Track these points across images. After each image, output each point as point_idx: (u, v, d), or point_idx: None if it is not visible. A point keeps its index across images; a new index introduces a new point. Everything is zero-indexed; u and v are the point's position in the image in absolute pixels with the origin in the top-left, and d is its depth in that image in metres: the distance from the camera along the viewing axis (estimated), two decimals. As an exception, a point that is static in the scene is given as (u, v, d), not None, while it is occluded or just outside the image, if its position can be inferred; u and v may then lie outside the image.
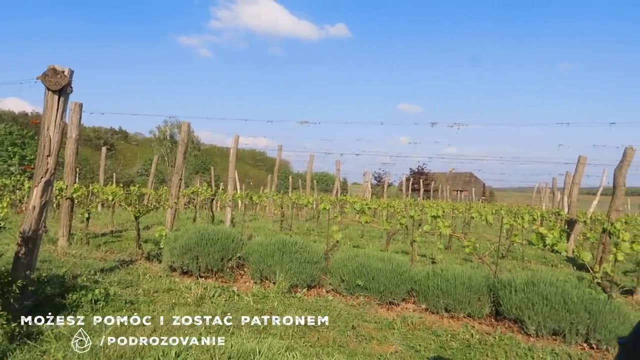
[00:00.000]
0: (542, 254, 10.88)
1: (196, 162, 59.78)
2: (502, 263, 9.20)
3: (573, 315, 4.65)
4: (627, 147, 8.72)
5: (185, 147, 9.68)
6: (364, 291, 5.64)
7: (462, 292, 5.25)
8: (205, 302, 5.17)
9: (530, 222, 7.74)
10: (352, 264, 5.84)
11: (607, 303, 4.72)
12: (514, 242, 6.77)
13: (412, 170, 57.89)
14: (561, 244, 5.05)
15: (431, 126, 14.69)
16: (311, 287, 6.07)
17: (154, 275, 6.30)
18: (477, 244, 6.10)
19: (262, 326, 4.47)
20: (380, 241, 10.79)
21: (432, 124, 14.40)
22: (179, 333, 4.08)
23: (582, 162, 11.90)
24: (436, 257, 9.08)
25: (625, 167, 8.71)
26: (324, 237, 8.41)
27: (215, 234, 6.45)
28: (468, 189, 47.08)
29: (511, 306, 4.98)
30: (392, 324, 4.86)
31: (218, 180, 32.84)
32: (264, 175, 41.57)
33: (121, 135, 78.43)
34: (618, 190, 8.71)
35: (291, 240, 6.41)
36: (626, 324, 4.56)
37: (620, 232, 5.34)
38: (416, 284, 5.63)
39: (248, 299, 5.35)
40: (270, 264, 6.04)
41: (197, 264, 6.25)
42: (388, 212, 13.54)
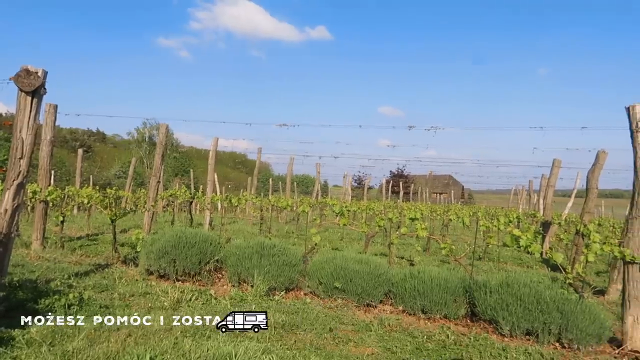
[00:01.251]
0: (518, 255, 11.08)
1: (175, 165, 59.15)
2: (479, 264, 9.33)
3: (546, 315, 4.74)
4: (599, 151, 8.92)
5: (164, 149, 9.59)
6: (342, 293, 5.66)
7: (439, 293, 5.32)
8: (182, 305, 5.13)
9: (505, 224, 7.87)
10: (330, 266, 5.86)
11: (578, 303, 4.82)
12: (489, 244, 6.88)
13: (392, 172, 58.36)
14: (534, 246, 5.15)
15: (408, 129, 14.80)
16: (289, 290, 6.07)
17: (130, 279, 6.22)
18: (453, 246, 6.17)
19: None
20: (360, 243, 10.84)
21: (409, 127, 14.54)
22: (155, 337, 4.04)
23: (556, 165, 12.15)
24: (414, 259, 9.17)
25: (598, 170, 8.90)
26: (304, 239, 8.42)
27: (192, 237, 6.41)
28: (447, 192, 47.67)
29: (486, 307, 5.06)
30: (369, 325, 4.89)
31: (198, 182, 32.57)
32: (244, 178, 41.39)
33: (98, 137, 77.25)
34: (591, 192, 8.90)
35: (269, 243, 6.41)
36: (596, 323, 4.67)
37: (592, 234, 5.46)
38: (393, 285, 5.68)
39: (225, 303, 5.33)
40: (248, 267, 6.02)
41: (174, 267, 6.19)
42: (367, 215, 13.61)
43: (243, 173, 66.24)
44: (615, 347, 4.72)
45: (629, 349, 4.62)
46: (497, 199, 58.12)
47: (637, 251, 4.74)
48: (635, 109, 4.85)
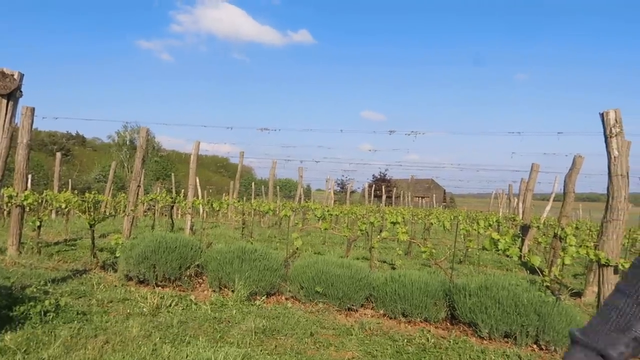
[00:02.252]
0: (498, 258, 11.21)
1: (157, 168, 58.51)
2: (459, 268, 9.42)
3: (524, 317, 4.81)
4: (576, 155, 9.10)
5: (144, 153, 9.49)
6: (323, 298, 5.66)
7: (419, 297, 5.35)
8: (162, 311, 5.08)
9: (485, 228, 7.97)
10: (312, 270, 5.86)
11: (555, 305, 4.90)
12: (469, 247, 6.96)
13: (375, 176, 58.61)
14: (513, 249, 5.23)
15: (389, 134, 14.90)
16: (271, 295, 6.05)
17: (109, 284, 6.14)
18: (434, 250, 6.23)
19: (219, 335, 4.43)
20: (342, 247, 10.86)
21: (390, 132, 14.66)
22: (133, 343, 3.99)
23: (535, 170, 12.35)
24: (396, 263, 9.21)
25: (575, 174, 9.07)
26: (286, 244, 8.42)
27: (173, 241, 6.35)
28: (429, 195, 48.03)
29: (465, 310, 5.11)
30: (350, 330, 4.90)
31: (179, 186, 32.28)
32: (226, 182, 41.12)
33: (78, 140, 76.03)
34: (568, 196, 9.07)
35: (251, 247, 6.38)
36: (573, 325, 4.75)
37: (568, 237, 5.57)
38: (375, 289, 5.70)
39: (206, 308, 5.29)
40: (229, 271, 5.99)
41: (154, 272, 6.13)
42: (349, 219, 13.65)
43: (225, 177, 65.81)
44: (591, 348, 4.80)
45: (604, 350, 4.71)
46: (478, 203, 58.77)
47: (611, 254, 4.85)
48: (609, 115, 4.97)
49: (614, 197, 4.94)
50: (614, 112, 4.99)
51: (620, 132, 4.94)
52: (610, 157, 4.95)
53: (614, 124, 4.93)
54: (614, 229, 4.93)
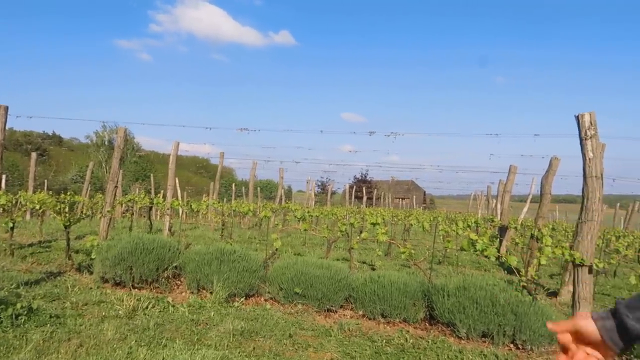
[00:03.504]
0: (476, 259, 11.33)
1: (136, 169, 57.66)
2: (438, 268, 9.49)
3: (501, 317, 4.86)
4: (552, 157, 9.25)
5: (122, 153, 9.35)
6: (302, 299, 5.64)
7: (398, 297, 5.37)
8: (138, 313, 4.99)
9: (464, 229, 8.04)
10: (291, 271, 5.84)
11: (531, 305, 4.97)
12: (448, 248, 7.01)
13: (356, 178, 58.74)
14: (490, 249, 5.28)
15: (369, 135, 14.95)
16: (250, 296, 6.00)
17: (84, 287, 6.01)
18: (413, 251, 6.25)
19: (197, 337, 4.38)
20: (322, 249, 10.85)
21: (370, 133, 14.72)
22: (108, 346, 3.91)
23: (512, 171, 12.53)
24: (376, 264, 9.24)
25: (551, 176, 9.22)
26: (266, 245, 8.37)
27: (150, 243, 6.25)
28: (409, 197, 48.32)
29: (444, 310, 5.14)
30: (329, 331, 4.89)
31: (159, 187, 31.90)
32: (206, 183, 40.80)
33: (55, 140, 74.65)
34: (545, 198, 9.22)
35: (230, 248, 6.32)
36: (548, 324, 4.82)
37: (544, 238, 5.65)
38: (354, 290, 5.70)
39: (183, 310, 5.22)
40: (207, 273, 5.92)
41: (130, 274, 6.03)
42: (330, 220, 13.65)
43: (205, 178, 65.26)
44: (566, 347, 4.88)
45: (578, 348, 4.78)
46: (457, 204, 59.46)
47: (586, 254, 4.93)
48: (584, 118, 5.05)
49: (588, 199, 5.02)
50: (589, 115, 5.07)
51: (595, 134, 5.02)
52: (585, 159, 5.03)
53: (589, 127, 5.02)
54: (589, 229, 5.01)
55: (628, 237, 13.26)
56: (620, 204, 25.77)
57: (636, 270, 5.37)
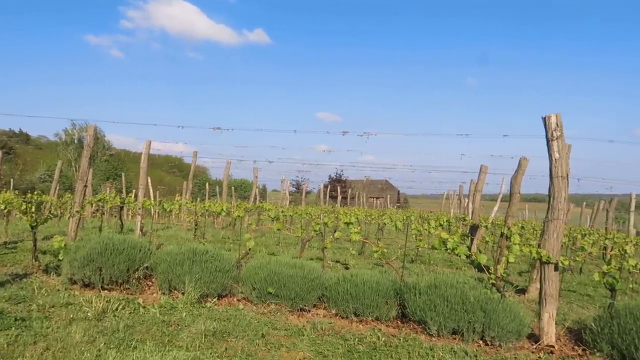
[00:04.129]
0: (448, 257, 11.50)
1: (107, 168, 56.56)
2: (411, 267, 9.61)
3: (470, 314, 4.95)
4: (521, 158, 9.46)
5: (91, 151, 9.16)
6: (276, 299, 5.63)
7: (371, 296, 5.41)
8: (107, 315, 4.90)
9: (435, 228, 8.16)
10: (264, 271, 5.82)
11: (500, 302, 5.08)
12: (419, 247, 7.10)
13: (331, 177, 58.94)
14: (460, 248, 5.36)
15: (342, 135, 15.02)
16: (222, 297, 5.96)
17: (52, 289, 5.87)
18: (385, 249, 6.32)
19: (168, 338, 4.33)
20: (296, 248, 10.85)
21: (343, 132, 14.78)
22: (75, 349, 3.84)
23: (483, 171, 12.76)
24: (349, 263, 9.29)
25: (520, 175, 9.43)
26: (239, 245, 8.33)
27: (121, 243, 6.15)
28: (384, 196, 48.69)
29: (415, 308, 5.21)
30: (302, 330, 4.89)
31: (130, 186, 31.34)
32: (179, 182, 40.26)
33: (21, 138, 72.58)
34: (514, 197, 9.42)
35: (202, 248, 6.27)
36: (516, 320, 4.93)
37: (513, 236, 5.77)
38: (327, 289, 5.72)
39: (154, 311, 5.15)
40: (179, 273, 5.85)
41: (100, 275, 5.91)
42: (304, 220, 13.66)
43: (179, 177, 64.44)
44: (533, 342, 5.01)
45: (545, 343, 4.91)
46: (430, 203, 60.16)
47: (552, 252, 5.06)
48: (551, 119, 5.18)
49: (554, 198, 5.15)
50: (555, 116, 5.21)
51: (561, 135, 5.16)
52: (551, 160, 5.16)
53: (555, 128, 5.15)
54: (555, 228, 5.14)
55: (593, 235, 13.67)
56: (586, 203, 26.54)
57: (601, 267, 5.54)
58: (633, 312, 4.76)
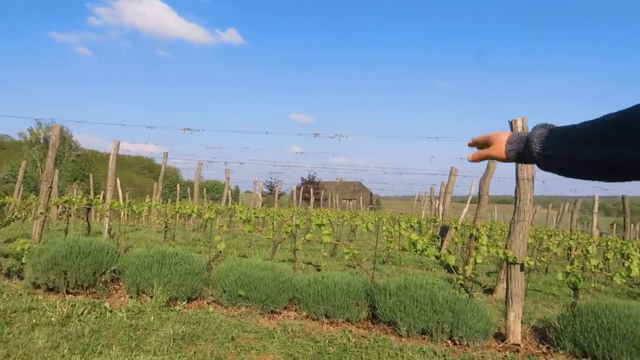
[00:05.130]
0: (419, 258, 11.64)
1: (74, 168, 55.18)
2: (382, 268, 9.68)
3: (439, 315, 5.02)
4: (489, 160, 9.65)
5: (57, 152, 8.94)
6: (246, 301, 5.60)
7: (341, 297, 5.43)
8: (72, 320, 4.78)
9: (406, 229, 8.25)
10: (235, 273, 5.78)
11: (468, 302, 5.17)
12: (390, 248, 7.16)
13: (304, 179, 58.94)
14: (430, 249, 5.44)
15: (314, 137, 15.04)
16: (192, 300, 5.89)
17: (13, 293, 5.69)
18: (356, 251, 6.34)
19: (135, 343, 4.25)
20: (268, 250, 10.80)
21: (315, 134, 14.79)
22: (38, 356, 3.73)
23: (453, 173, 12.97)
24: (321, 265, 9.30)
25: (489, 178, 9.62)
26: (210, 247, 8.24)
27: (87, 246, 6.00)
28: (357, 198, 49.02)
29: (385, 309, 5.25)
30: (272, 333, 4.88)
31: (98, 188, 30.67)
32: (150, 183, 39.59)
33: (-17, 138, 70.15)
34: (483, 199, 9.60)
35: (172, 251, 6.18)
36: (484, 320, 5.03)
37: (481, 237, 5.90)
38: (298, 291, 5.71)
39: (121, 315, 5.04)
40: (148, 276, 5.75)
41: (65, 279, 5.76)
42: (277, 221, 13.62)
43: (149, 178, 63.32)
44: (500, 341, 5.11)
45: (511, 342, 5.03)
46: (403, 205, 60.80)
47: (518, 252, 5.18)
48: (517, 123, 5.31)
49: (520, 200, 5.28)
50: (521, 120, 5.34)
51: (527, 139, 5.29)
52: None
53: (521, 131, 5.28)
54: (521, 229, 5.27)
55: (559, 235, 14.05)
56: (552, 204, 27.26)
57: (565, 267, 5.71)
58: (594, 310, 4.92)
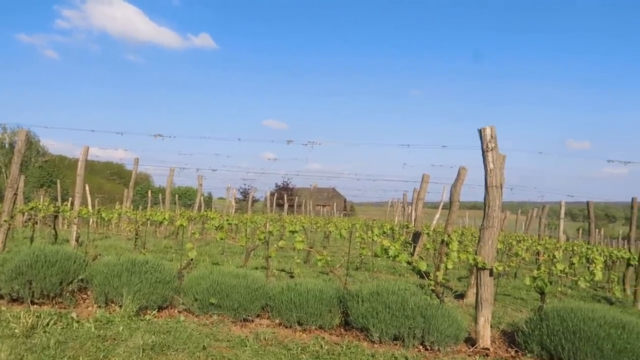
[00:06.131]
0: (392, 264, 11.72)
1: (41, 174, 53.71)
2: (356, 274, 9.72)
3: (411, 320, 5.07)
4: (460, 167, 9.81)
5: (22, 157, 8.71)
6: (218, 309, 5.54)
7: (314, 304, 5.43)
8: (37, 331, 4.64)
9: (379, 235, 8.31)
10: (207, 281, 5.71)
11: (439, 308, 5.23)
12: (362, 255, 7.21)
13: (278, 185, 58.77)
14: (402, 255, 5.49)
15: (287, 144, 15.04)
16: (163, 308, 5.79)
17: (-25, 304, 5.49)
18: (329, 257, 6.36)
19: (103, 354, 4.15)
20: (241, 257, 10.71)
21: (288, 141, 14.79)
22: (0, 370, 3.61)
23: (425, 180, 13.14)
24: (294, 272, 9.27)
25: (460, 184, 9.77)
26: (181, 254, 8.14)
27: (53, 254, 5.85)
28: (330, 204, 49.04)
29: (358, 316, 5.27)
30: (244, 341, 4.83)
31: (67, 194, 29.96)
32: (121, 190, 38.86)
33: (-56, 143, 67.58)
34: (454, 205, 9.74)
35: (142, 259, 6.07)
36: (454, 325, 5.10)
37: (451, 244, 5.99)
38: (271, 299, 5.69)
39: (89, 325, 4.92)
40: (117, 285, 5.64)
41: (30, 289, 5.59)
42: (247, 228, 13.54)
43: (120, 184, 62.09)
44: (470, 345, 5.19)
45: (481, 347, 5.11)
46: (376, 211, 61.16)
47: (487, 258, 5.27)
48: (486, 131, 5.43)
49: (489, 207, 5.39)
50: (490, 128, 5.46)
51: (495, 147, 5.41)
52: (486, 170, 5.40)
53: (490, 140, 5.39)
54: (490, 235, 5.37)
55: (527, 241, 14.37)
56: (521, 210, 27.88)
57: (533, 271, 5.84)
58: (560, 314, 5.04)
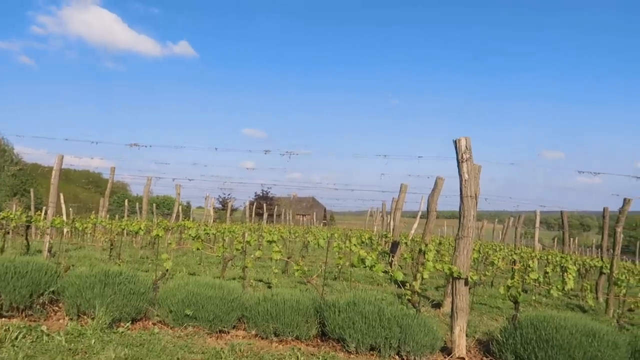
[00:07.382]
0: (370, 274, 11.74)
1: (14, 183, 52.37)
2: (334, 284, 9.71)
3: (387, 330, 5.08)
4: (437, 177, 9.93)
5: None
6: (193, 321, 5.46)
7: (291, 315, 5.40)
8: (5, 345, 4.52)
9: (357, 245, 8.31)
10: (182, 292, 5.64)
11: (415, 317, 5.26)
12: (339, 265, 7.21)
13: (257, 194, 58.50)
14: (378, 265, 5.51)
15: (264, 153, 15.01)
16: (137, 320, 5.69)
17: (-60, 318, 5.32)
18: (307, 268, 6.35)
19: (73, 368, 4.06)
20: (219, 267, 10.61)
21: (265, 151, 14.74)
22: (-36, 386, 3.49)
23: (403, 190, 13.25)
24: (272, 282, 9.22)
25: (437, 194, 9.87)
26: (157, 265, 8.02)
27: (23, 266, 5.71)
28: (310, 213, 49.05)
29: (335, 326, 5.26)
30: (219, 353, 4.78)
31: (41, 203, 29.27)
32: (97, 199, 38.18)
33: None
34: (431, 215, 9.84)
35: (116, 270, 5.96)
36: (430, 334, 5.13)
37: (428, 253, 6.04)
38: (247, 310, 5.64)
39: (60, 339, 4.81)
40: (89, 297, 5.52)
41: (-2, 301, 5.44)
42: (226, 237, 13.43)
43: (96, 193, 60.98)
44: (446, 355, 5.23)
45: (456, 356, 5.15)
46: (356, 220, 61.34)
47: (462, 268, 5.33)
48: (461, 142, 5.51)
49: (464, 217, 5.45)
50: (465, 139, 5.54)
51: (470, 157, 5.49)
52: (461, 180, 5.47)
53: (465, 150, 5.47)
54: (465, 245, 5.43)
55: (503, 250, 14.57)
56: (498, 219, 28.28)
57: (508, 280, 5.93)
58: (533, 322, 5.12)
